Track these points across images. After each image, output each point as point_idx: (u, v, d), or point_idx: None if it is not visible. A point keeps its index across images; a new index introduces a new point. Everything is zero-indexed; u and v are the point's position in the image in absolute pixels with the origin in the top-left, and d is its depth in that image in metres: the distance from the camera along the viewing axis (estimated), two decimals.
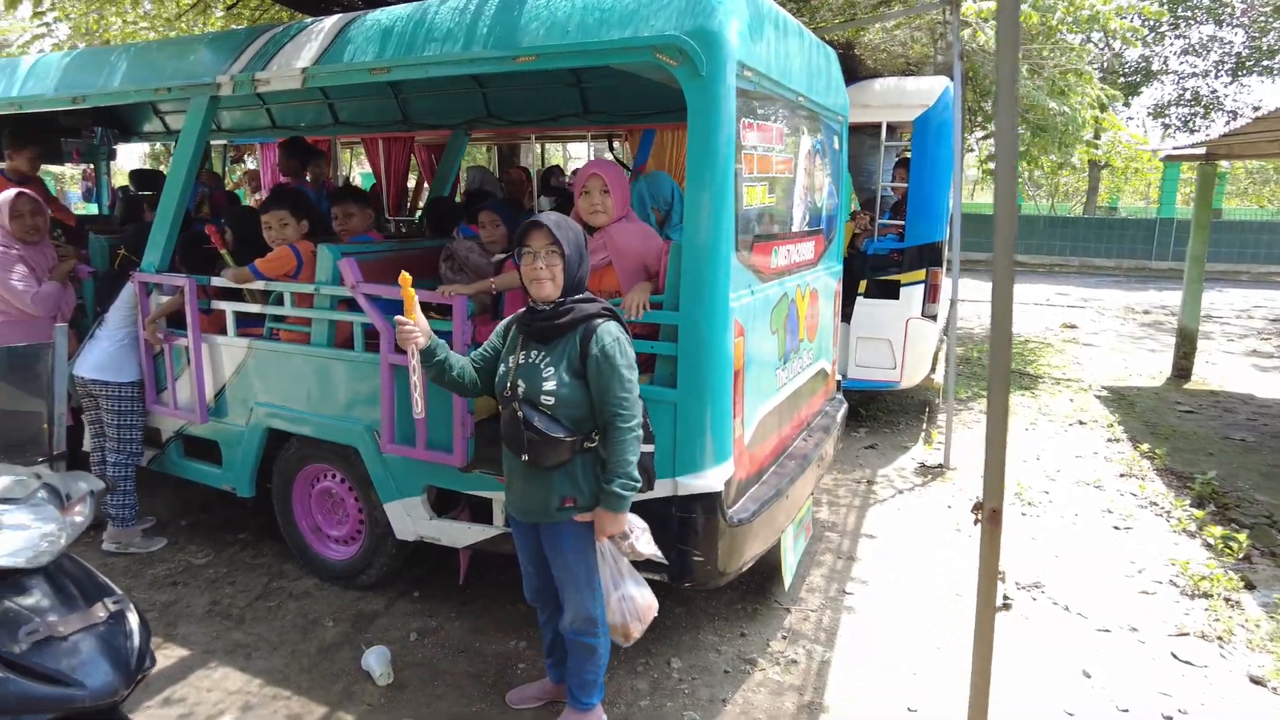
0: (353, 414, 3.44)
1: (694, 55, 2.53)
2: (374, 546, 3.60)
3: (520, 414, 2.39)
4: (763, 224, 3.16)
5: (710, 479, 2.79)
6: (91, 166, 7.17)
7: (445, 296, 3.14)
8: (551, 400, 2.37)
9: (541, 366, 2.41)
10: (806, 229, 3.76)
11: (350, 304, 3.44)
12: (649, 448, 2.51)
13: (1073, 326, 11.99)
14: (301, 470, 3.75)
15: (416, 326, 2.51)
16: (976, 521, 2.07)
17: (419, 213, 7.22)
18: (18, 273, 3.97)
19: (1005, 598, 2.17)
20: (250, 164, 10.23)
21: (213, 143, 8.22)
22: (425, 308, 4.17)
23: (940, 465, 5.56)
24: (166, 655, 3.20)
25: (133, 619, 2.06)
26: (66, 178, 18.00)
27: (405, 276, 2.50)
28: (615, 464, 2.35)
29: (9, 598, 1.90)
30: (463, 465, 3.18)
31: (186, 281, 3.68)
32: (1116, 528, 4.63)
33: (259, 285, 3.61)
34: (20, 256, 4.03)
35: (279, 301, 3.62)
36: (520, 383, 2.43)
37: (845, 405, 4.52)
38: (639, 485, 2.39)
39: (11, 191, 4.06)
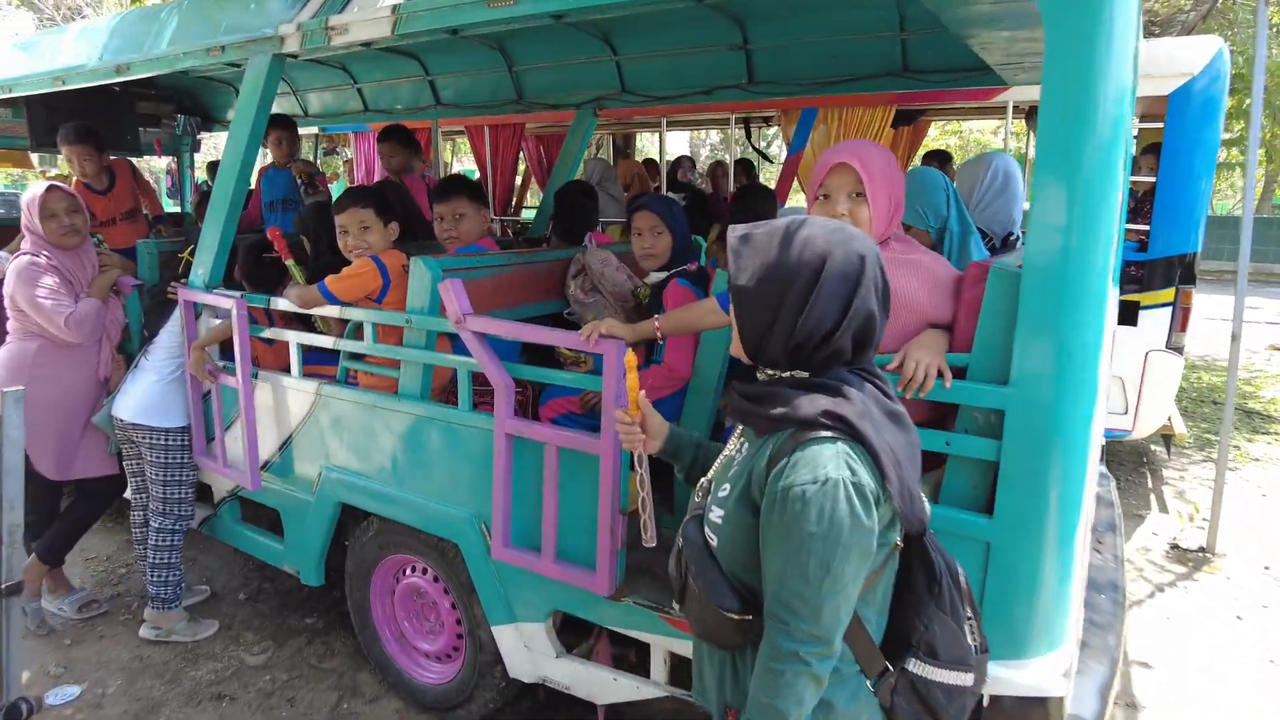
0: (454, 496, 2.44)
1: None
2: (476, 674, 2.59)
3: (682, 538, 1.38)
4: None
5: (1041, 673, 1.64)
6: (175, 159, 6.51)
7: (589, 342, 2.07)
8: (715, 538, 1.32)
9: (729, 471, 1.36)
10: None
11: (455, 339, 2.45)
12: (954, 677, 1.33)
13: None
14: (383, 560, 2.77)
15: (642, 423, 1.60)
16: None
17: (528, 213, 6.17)
18: (47, 288, 3.15)
19: None
20: (347, 155, 9.54)
21: (302, 131, 7.50)
22: (548, 355, 3.18)
23: (1201, 549, 4.20)
24: None
25: None
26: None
27: (631, 359, 1.60)
28: (754, 700, 1.22)
29: None
30: (609, 591, 2.12)
31: (234, 302, 2.76)
32: None
33: (331, 311, 2.65)
34: (53, 266, 3.21)
35: (357, 334, 2.65)
36: (712, 484, 1.40)
37: (1112, 481, 3.27)
38: None
39: (42, 185, 3.24)
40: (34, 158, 7.97)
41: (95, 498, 3.42)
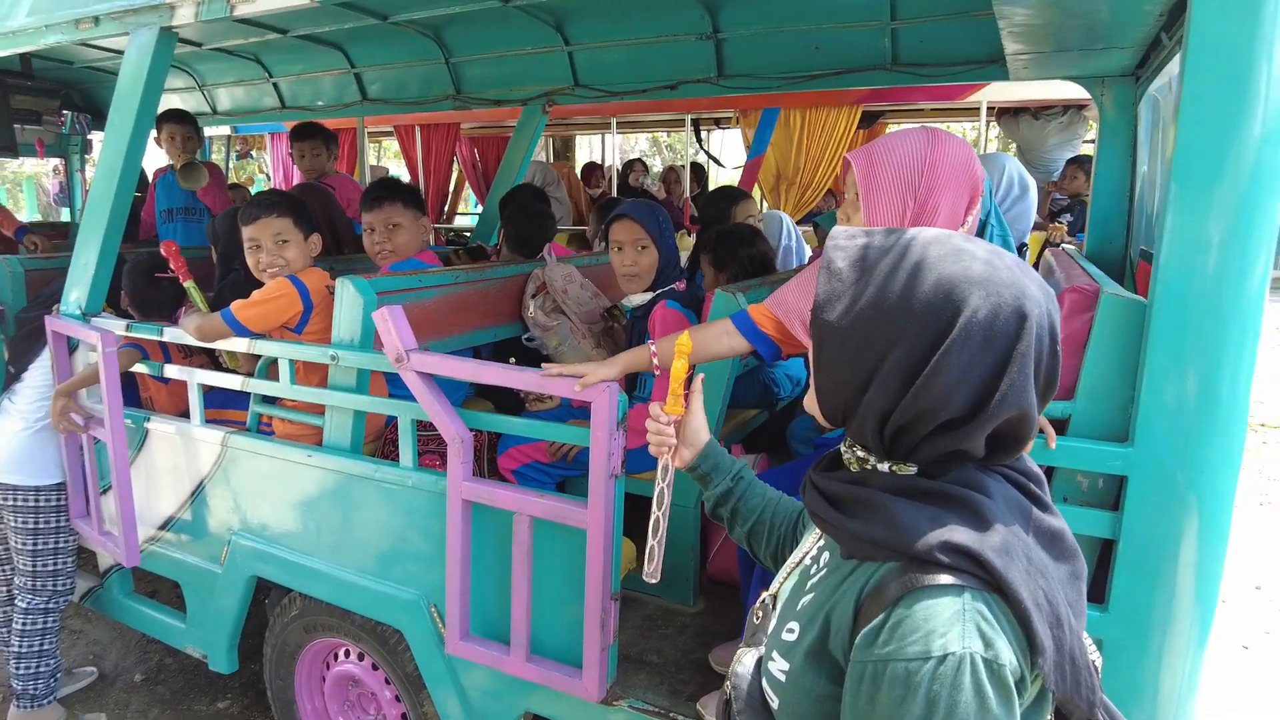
0: (395, 572, 1.97)
1: None
2: None
3: (731, 685, 0.97)
4: None
5: None
6: (62, 161, 5.79)
7: (571, 385, 1.63)
8: (775, 698, 0.92)
9: (801, 597, 0.94)
10: None
11: (393, 377, 2.00)
12: None
13: None
14: (309, 644, 2.28)
15: (676, 425, 1.27)
16: None
17: (461, 219, 5.70)
18: None
19: None
20: (264, 159, 8.84)
21: (212, 133, 6.83)
22: (507, 398, 2.71)
23: None
24: None
25: None
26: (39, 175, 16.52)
27: (685, 342, 1.28)
28: None
29: None
30: (599, 696, 1.70)
31: (99, 335, 2.23)
32: None
33: (239, 345, 2.15)
34: None
35: (271, 372, 2.16)
36: (775, 609, 0.99)
37: None
38: None
39: None
40: None
41: None
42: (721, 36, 3.30)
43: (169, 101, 4.86)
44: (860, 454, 0.89)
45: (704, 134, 6.26)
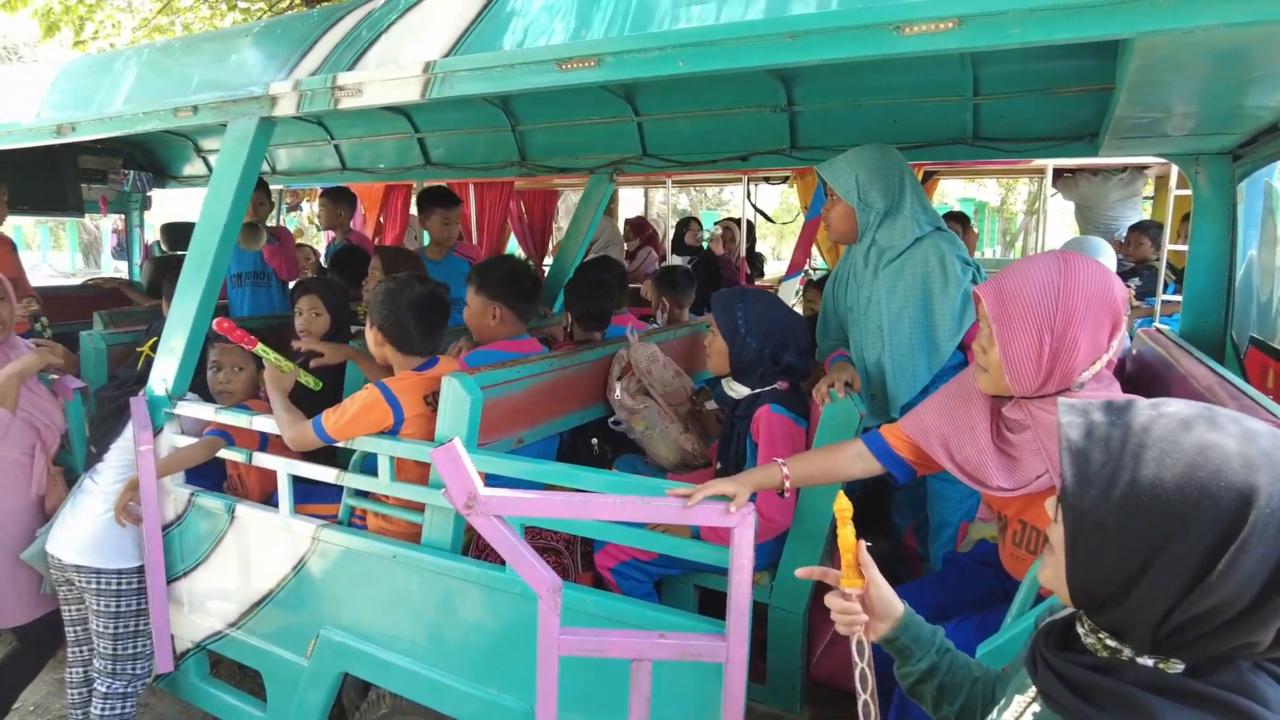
0: (497, 678, 1.91)
1: None
2: None
3: None
4: None
5: None
6: (122, 217, 5.89)
7: (687, 509, 1.54)
8: None
9: None
10: None
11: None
12: None
13: None
14: None
15: (863, 597, 1.19)
16: None
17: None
18: None
19: None
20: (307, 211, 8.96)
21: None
22: (587, 448, 2.68)
23: None
24: None
25: None
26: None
27: (843, 505, 1.20)
28: None
29: None
30: None
31: (144, 435, 2.20)
32: None
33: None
34: None
35: (368, 466, 2.13)
36: None
37: None
38: None
39: None
40: None
41: (41, 644, 2.79)
42: (796, 110, 3.29)
43: None
44: (1111, 642, 0.83)
45: (752, 188, 6.26)
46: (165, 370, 2.46)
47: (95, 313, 3.28)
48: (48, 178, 4.81)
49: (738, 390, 2.17)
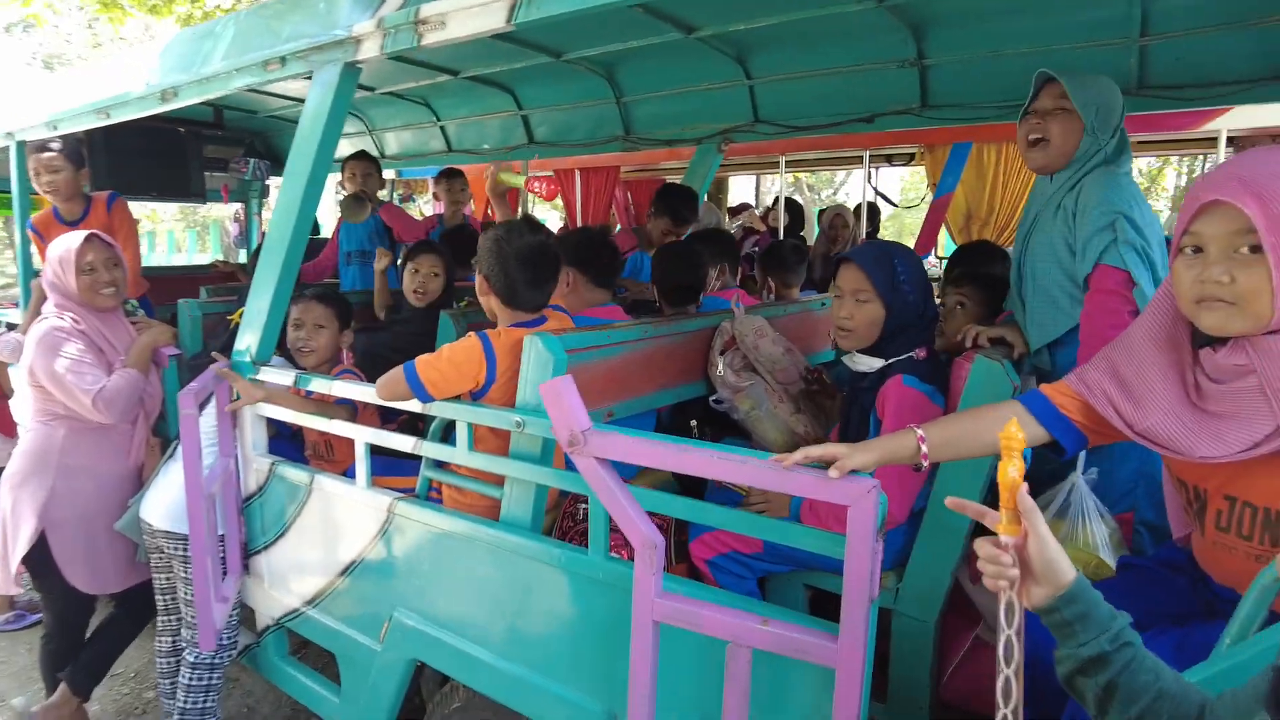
0: (576, 676, 1.69)
1: None
2: None
3: None
4: None
5: None
6: (242, 206, 6.08)
7: (813, 480, 1.28)
8: None
9: None
10: None
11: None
12: None
13: None
14: None
15: (1021, 548, 0.94)
16: None
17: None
18: (72, 358, 2.55)
19: None
20: (424, 205, 9.11)
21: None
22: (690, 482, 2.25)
23: None
24: None
25: None
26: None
27: (1013, 435, 0.94)
28: None
29: None
30: None
31: (189, 399, 2.09)
32: None
33: (410, 404, 1.96)
34: (80, 331, 2.62)
35: (445, 435, 1.95)
36: None
37: None
38: None
39: (78, 235, 2.67)
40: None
41: (139, 610, 2.80)
42: (927, 64, 2.94)
43: (343, 148, 4.98)
44: None
45: (872, 172, 5.86)
46: (250, 333, 2.37)
47: (201, 286, 3.29)
48: (174, 165, 4.98)
49: (867, 364, 1.87)
